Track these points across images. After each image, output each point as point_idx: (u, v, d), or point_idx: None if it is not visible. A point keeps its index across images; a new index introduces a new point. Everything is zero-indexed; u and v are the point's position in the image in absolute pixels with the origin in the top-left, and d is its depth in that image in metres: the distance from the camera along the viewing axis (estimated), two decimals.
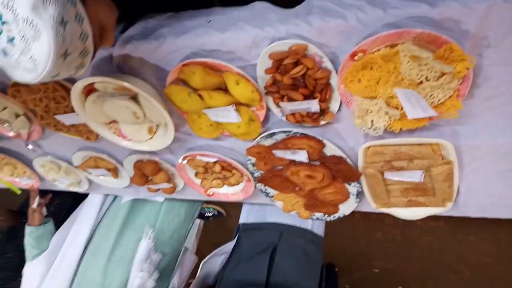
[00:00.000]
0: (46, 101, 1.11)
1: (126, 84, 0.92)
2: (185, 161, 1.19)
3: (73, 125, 1.20)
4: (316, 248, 1.41)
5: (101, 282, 1.38)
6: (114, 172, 1.34)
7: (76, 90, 0.98)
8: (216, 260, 1.36)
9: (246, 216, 1.54)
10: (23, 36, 0.60)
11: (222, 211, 2.63)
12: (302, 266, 1.33)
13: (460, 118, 0.79)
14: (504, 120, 0.79)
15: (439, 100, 0.75)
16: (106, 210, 1.62)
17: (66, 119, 1.17)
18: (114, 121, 1.12)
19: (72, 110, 1.09)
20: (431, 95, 0.74)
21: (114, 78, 0.92)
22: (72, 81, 1.00)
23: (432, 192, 0.98)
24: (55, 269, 1.46)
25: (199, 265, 1.40)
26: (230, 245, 1.37)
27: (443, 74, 0.71)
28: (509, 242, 2.15)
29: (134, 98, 1.01)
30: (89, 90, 1.01)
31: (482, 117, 0.80)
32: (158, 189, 1.35)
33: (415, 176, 0.94)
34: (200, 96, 0.93)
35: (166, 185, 1.31)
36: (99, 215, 1.59)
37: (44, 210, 1.59)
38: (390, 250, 2.66)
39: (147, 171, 1.25)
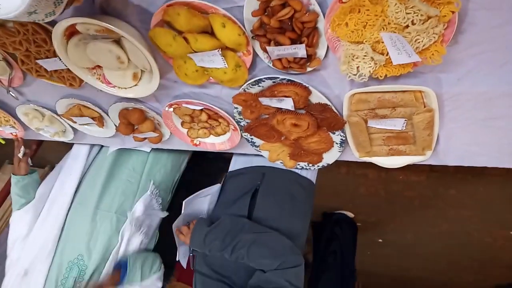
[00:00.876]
0: (26, 45, 1.08)
1: (108, 26, 0.89)
2: (171, 109, 1.18)
3: (55, 71, 1.17)
4: (304, 190, 1.43)
5: (90, 230, 1.42)
6: (99, 121, 1.33)
7: (57, 32, 0.95)
8: (199, 202, 1.39)
9: (233, 165, 1.57)
10: None
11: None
12: (284, 205, 1.36)
13: (443, 65, 0.80)
14: (486, 68, 0.80)
15: (423, 45, 0.75)
16: (93, 160, 1.63)
17: (48, 64, 1.13)
18: (98, 67, 1.09)
19: (54, 55, 1.06)
20: (416, 40, 0.74)
21: (96, 19, 0.89)
22: (53, 23, 0.97)
23: (412, 141, 1.01)
24: (43, 218, 1.49)
25: None
26: (214, 188, 1.40)
27: (429, 18, 0.71)
28: (486, 195, 2.24)
29: (118, 42, 0.99)
30: (71, 32, 0.98)
31: (465, 64, 0.81)
32: (144, 139, 1.35)
33: (398, 124, 0.96)
34: (185, 39, 0.91)
35: (152, 134, 1.31)
36: (85, 165, 1.60)
37: (30, 160, 1.59)
38: (373, 204, 2.75)
39: (133, 119, 1.25)
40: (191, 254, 1.35)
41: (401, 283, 3.93)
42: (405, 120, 0.95)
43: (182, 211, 1.33)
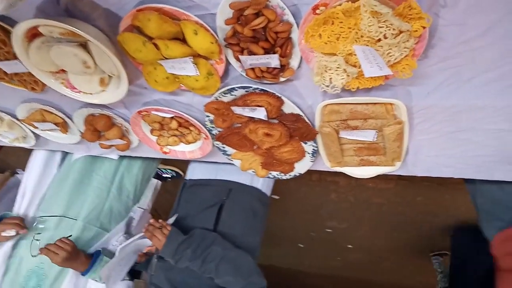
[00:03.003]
0: None
1: (74, 29, 0.85)
2: (140, 116, 1.14)
3: (16, 74, 1.11)
4: (263, 206, 1.48)
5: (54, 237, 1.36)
6: (63, 126, 1.27)
7: (18, 33, 0.90)
8: (134, 245, 1.37)
9: (193, 173, 1.55)
10: None
11: (181, 172, 2.61)
12: (247, 221, 1.40)
13: (414, 78, 0.81)
14: (455, 82, 0.82)
15: (395, 58, 0.76)
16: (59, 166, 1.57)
17: (8, 66, 1.07)
18: (62, 71, 1.04)
19: (14, 57, 1.00)
20: (388, 53, 0.75)
21: (61, 22, 0.85)
22: (13, 24, 0.91)
23: (383, 152, 1.02)
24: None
25: None
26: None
27: (400, 32, 0.72)
28: (451, 202, 2.32)
29: (84, 46, 0.94)
30: (33, 34, 0.93)
31: (434, 78, 0.83)
32: (111, 146, 1.30)
33: (369, 136, 0.97)
34: (155, 45, 0.88)
35: (120, 142, 1.26)
36: (46, 172, 1.54)
37: None
38: (343, 211, 2.79)
39: (99, 126, 1.20)
40: (126, 279, 1.39)
41: (369, 287, 4.01)
42: (376, 132, 0.96)
43: (116, 255, 1.31)
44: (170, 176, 2.68)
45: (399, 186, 2.41)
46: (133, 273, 1.47)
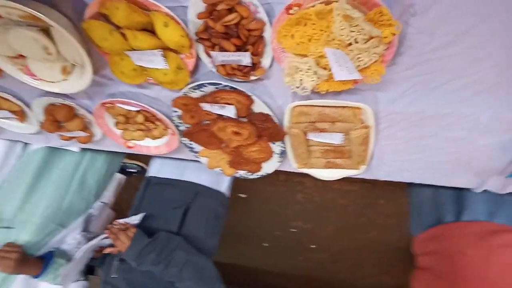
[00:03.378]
0: None
1: (34, 12, 0.80)
2: (104, 108, 1.10)
3: None
4: (225, 210, 1.51)
5: (5, 236, 1.29)
6: (20, 115, 1.20)
7: None
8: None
9: (157, 170, 1.51)
10: None
11: (146, 167, 2.55)
12: (210, 225, 1.41)
13: (382, 84, 0.83)
14: (421, 89, 0.85)
15: (364, 63, 0.77)
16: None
17: None
18: (22, 56, 0.98)
19: None
20: (358, 58, 0.76)
21: (20, 3, 0.80)
22: None
23: (349, 155, 1.04)
24: None
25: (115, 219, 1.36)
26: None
27: (371, 38, 0.73)
28: None
29: (46, 30, 0.89)
30: None
31: (402, 84, 0.85)
32: (72, 137, 1.24)
33: (336, 139, 0.98)
34: (123, 35, 0.85)
35: (81, 134, 1.21)
36: (5, 162, 1.45)
37: None
38: (309, 211, 2.83)
39: (60, 116, 1.14)
40: (81, 279, 1.36)
41: (330, 285, 4.09)
42: (343, 135, 0.97)
43: (76, 258, 1.28)
44: (135, 171, 2.61)
45: (363, 188, 2.47)
46: (88, 269, 1.42)
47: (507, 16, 0.69)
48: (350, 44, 0.75)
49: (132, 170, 2.59)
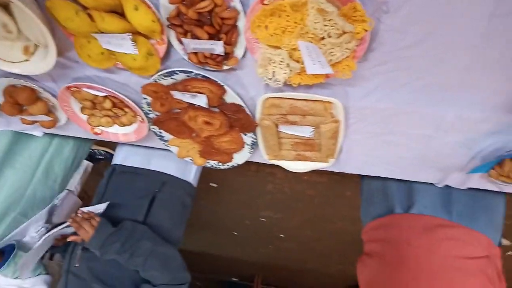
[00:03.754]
0: None
1: None
2: (70, 92, 1.05)
3: None
4: (191, 200, 1.50)
5: None
6: None
7: None
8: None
9: (123, 158, 1.49)
10: None
11: (114, 153, 2.48)
12: (177, 215, 1.41)
13: (352, 79, 0.83)
14: (390, 86, 0.86)
15: (337, 58, 0.77)
16: None
17: None
18: None
19: None
20: (330, 52, 0.76)
21: None
22: None
23: (318, 148, 1.05)
24: None
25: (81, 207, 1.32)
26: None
27: (344, 33, 0.73)
28: None
29: (6, 7, 0.84)
30: None
31: (371, 80, 0.86)
32: (35, 122, 1.19)
33: (306, 132, 0.99)
34: (90, 16, 0.81)
35: (45, 118, 1.15)
36: None
37: None
38: (278, 201, 2.87)
39: (21, 99, 1.08)
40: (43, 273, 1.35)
41: (298, 274, 4.19)
42: (313, 128, 0.98)
43: (36, 246, 1.24)
44: (103, 157, 2.54)
45: (332, 180, 2.52)
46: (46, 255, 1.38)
47: (473, 18, 0.71)
48: (323, 38, 0.75)
49: (100, 157, 2.52)
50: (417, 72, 0.82)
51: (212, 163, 1.21)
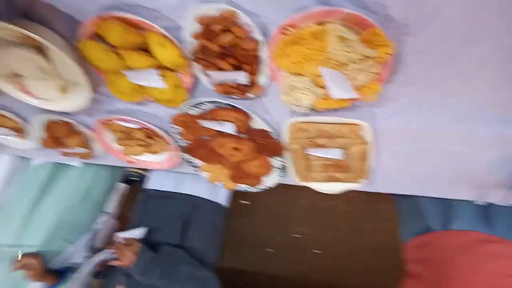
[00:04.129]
0: None
1: (28, 33, 0.79)
2: (103, 125, 1.10)
3: None
4: (223, 220, 1.53)
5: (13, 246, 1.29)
6: (20, 132, 1.20)
7: None
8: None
9: (156, 182, 1.52)
10: None
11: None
12: (211, 237, 1.43)
13: (378, 101, 0.82)
14: (418, 105, 0.84)
15: (361, 82, 0.76)
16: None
17: None
18: (19, 75, 0.98)
19: None
20: (354, 77, 0.75)
21: (14, 24, 0.79)
22: None
23: (348, 169, 1.03)
24: None
25: (120, 230, 1.36)
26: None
27: (366, 58, 0.72)
28: None
29: (42, 50, 0.89)
30: None
31: (398, 101, 0.84)
32: (72, 153, 1.24)
33: (335, 154, 0.97)
34: (118, 54, 0.85)
35: (81, 150, 1.21)
36: (7, 177, 1.45)
37: None
38: (312, 217, 2.82)
39: (59, 133, 1.14)
40: None
41: None
42: (342, 150, 0.96)
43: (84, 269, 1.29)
44: (138, 179, 2.61)
45: (365, 194, 2.44)
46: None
47: (497, 36, 0.68)
48: (346, 64, 0.74)
49: (135, 179, 2.59)
50: (445, 92, 0.80)
51: (243, 186, 1.22)
